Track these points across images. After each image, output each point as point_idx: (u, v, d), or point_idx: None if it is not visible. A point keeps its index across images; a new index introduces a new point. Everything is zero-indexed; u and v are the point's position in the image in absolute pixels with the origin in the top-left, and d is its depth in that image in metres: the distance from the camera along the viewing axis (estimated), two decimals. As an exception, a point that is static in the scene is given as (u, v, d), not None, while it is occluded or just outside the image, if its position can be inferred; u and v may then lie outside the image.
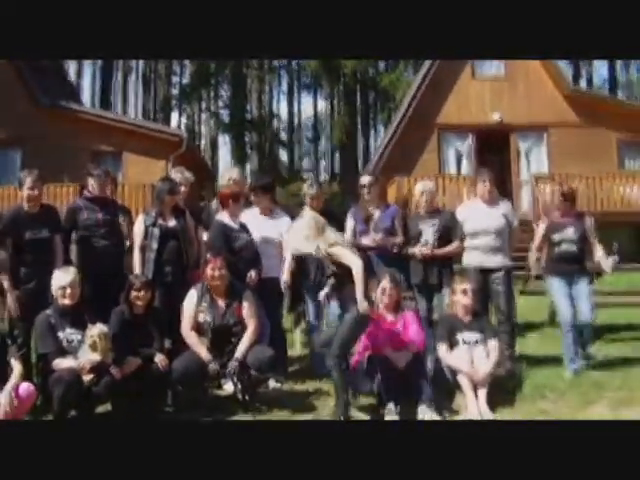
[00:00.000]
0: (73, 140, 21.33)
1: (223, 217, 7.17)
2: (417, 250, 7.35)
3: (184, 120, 50.18)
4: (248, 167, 42.17)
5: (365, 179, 7.79)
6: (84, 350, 5.94)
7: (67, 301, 6.17)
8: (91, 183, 7.19)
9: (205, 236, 7.34)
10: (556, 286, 7.43)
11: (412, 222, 7.61)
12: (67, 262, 6.82)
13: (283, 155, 49.60)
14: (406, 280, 7.37)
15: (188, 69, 48.70)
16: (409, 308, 6.86)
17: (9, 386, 5.61)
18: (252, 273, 6.88)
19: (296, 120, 52.26)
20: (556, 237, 7.46)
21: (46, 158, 17.97)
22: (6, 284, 6.53)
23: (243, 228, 7.16)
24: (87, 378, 5.81)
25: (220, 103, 47.61)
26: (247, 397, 6.33)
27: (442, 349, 6.53)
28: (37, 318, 6.16)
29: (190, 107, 48.98)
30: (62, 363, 5.91)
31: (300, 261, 7.19)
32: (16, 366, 5.78)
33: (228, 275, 6.49)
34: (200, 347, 6.29)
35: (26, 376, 5.96)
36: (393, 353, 6.25)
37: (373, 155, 27.89)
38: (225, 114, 46.64)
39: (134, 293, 6.41)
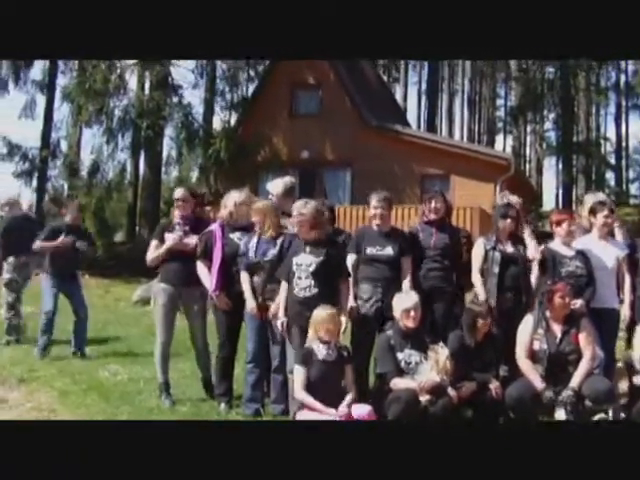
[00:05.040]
0: (401, 162, 21.63)
1: (555, 243, 7.03)
2: None
3: (510, 142, 49.63)
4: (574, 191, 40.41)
5: None
6: (423, 371, 6.04)
7: (410, 324, 6.24)
8: (426, 206, 7.26)
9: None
10: None
11: None
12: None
13: (611, 179, 47.52)
14: None
15: (514, 91, 48.31)
16: None
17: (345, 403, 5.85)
18: (577, 302, 6.56)
19: (625, 143, 49.62)
20: None
21: (374, 179, 18.14)
22: (350, 299, 6.63)
23: (578, 255, 6.90)
24: (424, 398, 5.88)
25: (547, 125, 46.54)
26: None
27: None
28: (378, 338, 6.38)
29: (516, 129, 48.29)
30: (400, 383, 6.02)
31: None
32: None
33: (569, 302, 6.36)
34: (534, 374, 6.22)
35: (361, 395, 6.15)
36: None
37: None
38: (552, 136, 45.53)
39: (477, 321, 6.46)
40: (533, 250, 7.00)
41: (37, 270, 10.46)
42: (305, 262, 6.34)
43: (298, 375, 5.99)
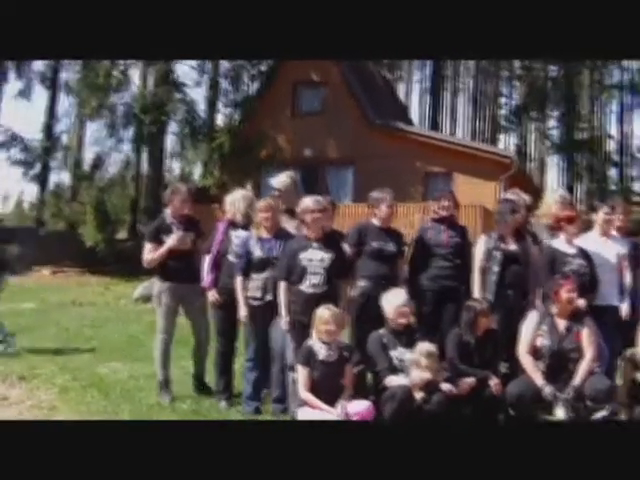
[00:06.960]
0: (404, 160, 21.64)
1: (557, 241, 6.99)
2: None
3: (513, 140, 49.56)
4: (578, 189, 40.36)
5: None
6: (415, 368, 5.99)
7: (401, 321, 6.24)
8: (436, 204, 7.33)
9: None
10: None
11: None
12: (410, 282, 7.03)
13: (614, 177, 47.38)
14: None
15: (517, 89, 48.31)
16: None
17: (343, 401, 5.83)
18: (580, 301, 6.48)
19: (628, 141, 49.47)
20: None
21: (377, 177, 18.09)
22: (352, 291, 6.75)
23: (580, 253, 6.88)
24: (419, 395, 5.86)
25: (550, 123, 46.44)
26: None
27: None
28: (370, 336, 6.30)
29: (519, 127, 48.25)
30: (394, 380, 6.02)
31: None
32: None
33: (576, 297, 6.32)
34: (535, 371, 6.19)
35: (361, 393, 6.13)
36: None
37: None
38: (555, 134, 45.45)
39: (477, 317, 6.40)
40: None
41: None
42: (316, 257, 6.30)
43: (301, 375, 5.94)
